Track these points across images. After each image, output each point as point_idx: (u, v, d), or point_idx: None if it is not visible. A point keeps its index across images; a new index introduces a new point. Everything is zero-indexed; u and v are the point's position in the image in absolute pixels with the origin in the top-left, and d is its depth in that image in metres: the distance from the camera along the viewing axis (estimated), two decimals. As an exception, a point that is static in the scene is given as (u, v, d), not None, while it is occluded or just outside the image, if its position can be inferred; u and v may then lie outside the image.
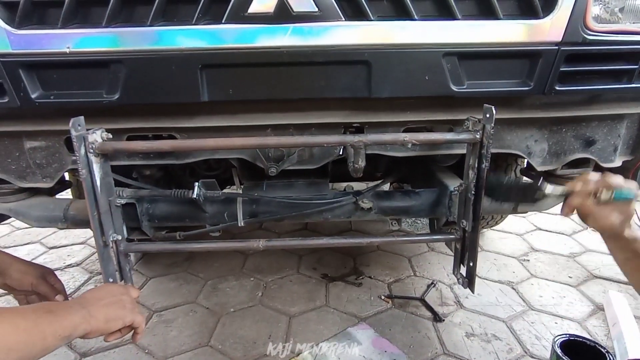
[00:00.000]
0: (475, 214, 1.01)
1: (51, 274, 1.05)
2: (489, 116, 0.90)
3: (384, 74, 0.91)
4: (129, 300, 0.86)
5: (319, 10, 0.86)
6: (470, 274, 1.09)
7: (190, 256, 2.19)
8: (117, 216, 1.00)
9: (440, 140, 0.97)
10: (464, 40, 0.91)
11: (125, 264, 1.04)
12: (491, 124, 0.90)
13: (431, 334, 1.54)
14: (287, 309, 1.71)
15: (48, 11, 0.88)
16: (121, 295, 0.86)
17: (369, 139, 0.91)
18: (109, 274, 0.99)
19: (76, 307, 0.74)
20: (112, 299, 0.82)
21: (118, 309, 0.82)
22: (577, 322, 1.61)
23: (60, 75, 0.92)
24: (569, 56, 0.92)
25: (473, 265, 1.07)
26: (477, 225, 1.02)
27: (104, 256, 0.98)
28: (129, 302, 0.86)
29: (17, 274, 0.99)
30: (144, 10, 0.87)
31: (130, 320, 0.83)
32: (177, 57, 0.89)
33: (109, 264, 0.99)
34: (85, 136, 0.87)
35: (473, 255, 1.06)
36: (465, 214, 1.03)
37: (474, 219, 1.02)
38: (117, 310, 0.81)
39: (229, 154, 1.04)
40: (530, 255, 2.17)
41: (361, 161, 0.96)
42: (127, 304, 0.85)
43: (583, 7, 0.91)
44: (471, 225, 1.02)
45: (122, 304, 0.83)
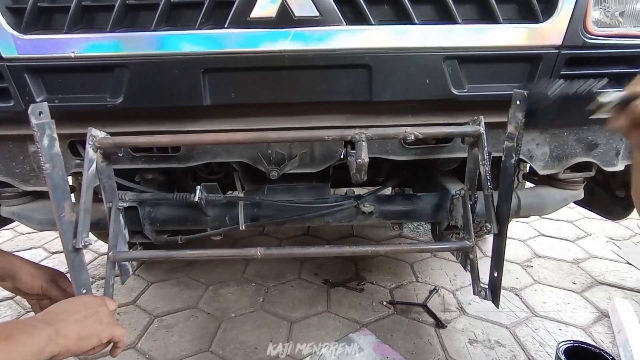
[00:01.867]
0: (502, 216, 0.90)
1: (62, 277, 1.01)
2: (519, 103, 0.84)
3: (384, 77, 0.92)
4: (106, 313, 0.77)
5: (320, 14, 0.87)
6: (494, 286, 0.98)
7: (192, 261, 2.19)
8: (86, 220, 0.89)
9: (442, 133, 0.94)
10: (465, 44, 0.92)
11: (111, 275, 0.96)
12: (522, 112, 0.83)
13: (433, 340, 1.52)
14: (289, 314, 1.70)
15: (54, 16, 0.90)
16: (97, 307, 0.77)
17: (371, 132, 0.88)
18: (80, 284, 0.90)
19: (41, 326, 0.65)
20: (86, 312, 0.73)
21: (93, 323, 0.73)
22: (582, 328, 1.59)
23: (65, 80, 0.93)
24: (569, 60, 0.93)
25: (498, 275, 0.96)
26: (504, 229, 0.92)
27: (75, 263, 0.88)
28: (106, 315, 0.77)
29: (27, 277, 0.95)
30: (147, 16, 0.88)
31: (108, 336, 0.75)
32: (180, 62, 0.90)
33: (81, 272, 0.90)
34: (50, 124, 0.82)
35: (499, 264, 0.95)
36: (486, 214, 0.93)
37: (500, 221, 0.92)
38: (92, 325, 0.72)
39: (231, 157, 1.05)
40: (533, 261, 2.15)
41: (364, 155, 0.87)
42: (104, 318, 0.76)
43: (583, 11, 0.91)
44: (497, 227, 0.93)
45: (98, 318, 0.74)
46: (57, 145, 0.83)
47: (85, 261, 0.92)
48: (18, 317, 1.72)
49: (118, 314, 1.73)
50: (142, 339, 1.56)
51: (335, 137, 0.90)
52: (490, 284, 1.01)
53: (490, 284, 1.01)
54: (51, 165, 0.82)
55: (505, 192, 0.91)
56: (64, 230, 0.86)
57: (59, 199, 0.84)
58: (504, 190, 0.91)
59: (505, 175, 0.90)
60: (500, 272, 0.96)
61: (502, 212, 0.92)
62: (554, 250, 2.26)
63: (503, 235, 0.94)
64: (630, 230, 2.48)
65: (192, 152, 1.04)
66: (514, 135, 0.87)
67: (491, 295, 0.99)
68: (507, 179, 0.89)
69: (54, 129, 0.83)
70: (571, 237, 2.43)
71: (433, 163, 1.29)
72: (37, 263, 1.01)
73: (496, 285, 0.98)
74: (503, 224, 0.92)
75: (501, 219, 0.92)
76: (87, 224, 0.89)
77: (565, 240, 2.40)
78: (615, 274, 1.96)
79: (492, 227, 0.93)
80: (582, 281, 1.94)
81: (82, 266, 0.90)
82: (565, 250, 2.26)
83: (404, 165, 1.37)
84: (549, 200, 1.22)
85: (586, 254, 2.21)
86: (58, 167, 0.83)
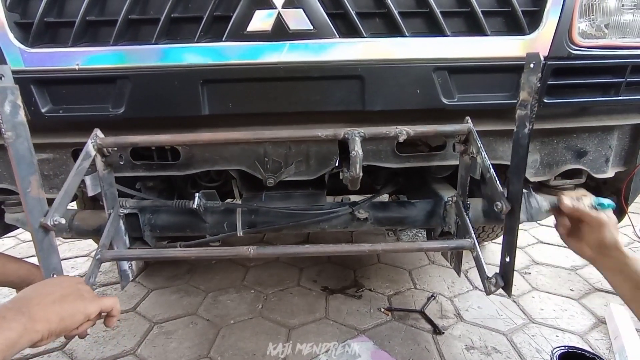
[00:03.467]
0: (515, 192, 0.82)
1: None
2: (533, 66, 0.79)
3: (377, 88, 0.95)
4: (86, 289, 0.72)
5: (314, 28, 0.91)
6: (506, 272, 0.89)
7: (192, 269, 2.21)
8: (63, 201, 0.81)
9: (432, 131, 0.94)
10: (454, 56, 0.95)
11: (93, 273, 0.88)
12: (536, 76, 0.77)
13: (431, 346, 1.53)
14: (287, 321, 1.71)
15: (59, 31, 0.94)
16: (75, 284, 0.71)
17: (364, 130, 0.89)
18: (50, 268, 0.82)
19: (11, 316, 0.59)
20: (63, 291, 0.67)
21: (74, 300, 0.67)
22: (579, 335, 1.59)
23: (69, 91, 0.97)
24: (555, 70, 0.96)
25: (510, 260, 0.86)
26: (517, 207, 0.82)
27: (44, 244, 0.79)
28: (87, 291, 0.72)
29: None
30: (149, 30, 0.92)
31: (95, 309, 0.70)
32: (179, 73, 0.94)
33: (50, 255, 0.82)
34: (13, 90, 0.76)
35: (511, 247, 0.86)
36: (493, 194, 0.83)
37: (512, 198, 0.82)
38: (73, 302, 0.67)
39: (229, 165, 1.08)
40: (531, 268, 2.16)
41: (358, 147, 0.85)
42: (85, 293, 0.71)
43: (568, 23, 0.95)
44: (507, 206, 0.82)
45: (79, 294, 0.69)
46: (22, 113, 0.76)
47: (55, 243, 0.83)
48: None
49: (118, 320, 1.75)
50: (142, 345, 1.57)
51: (330, 135, 0.90)
52: (502, 269, 0.92)
53: (502, 269, 0.92)
54: (14, 134, 0.75)
55: (517, 166, 0.82)
56: (30, 208, 0.78)
57: (24, 173, 0.76)
58: (516, 165, 0.83)
59: (518, 148, 0.82)
60: (513, 257, 0.87)
61: (515, 188, 0.83)
62: (552, 257, 2.27)
63: (516, 215, 0.84)
64: (628, 237, 2.49)
65: (191, 160, 1.07)
66: (527, 102, 0.79)
67: (502, 282, 0.89)
68: (521, 152, 0.81)
69: (17, 94, 0.77)
70: (569, 244, 2.44)
71: (426, 171, 1.32)
72: None
73: (508, 271, 0.89)
74: (516, 201, 0.83)
75: (514, 196, 0.83)
76: (63, 204, 0.83)
77: (564, 247, 2.38)
78: (613, 281, 1.97)
79: (501, 205, 0.83)
80: (580, 288, 1.94)
81: (51, 248, 0.82)
82: (563, 257, 2.27)
83: (398, 173, 1.39)
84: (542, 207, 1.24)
85: (584, 261, 2.18)
86: (23, 137, 0.76)
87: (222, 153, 1.06)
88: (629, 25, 0.99)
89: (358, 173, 0.86)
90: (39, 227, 0.78)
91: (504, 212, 0.83)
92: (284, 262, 2.27)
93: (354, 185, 0.93)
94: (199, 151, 1.06)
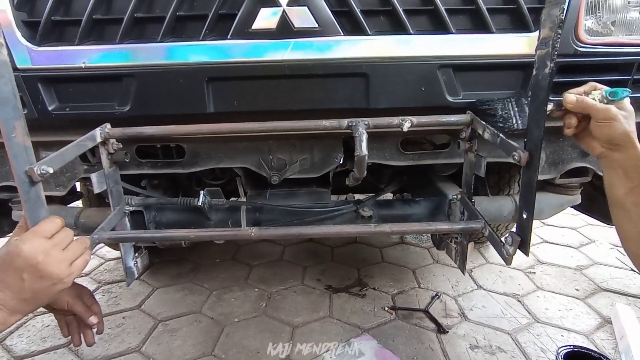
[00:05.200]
0: (534, 142, 0.75)
1: (88, 293, 1.00)
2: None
3: (381, 85, 0.95)
4: (48, 260, 0.66)
5: (318, 26, 0.91)
6: (523, 230, 0.82)
7: (196, 267, 2.22)
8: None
9: (434, 122, 0.93)
10: (459, 53, 0.95)
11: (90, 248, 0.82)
12: (560, 7, 0.69)
13: (435, 345, 1.53)
14: (291, 319, 1.71)
15: (66, 29, 0.95)
16: (35, 258, 0.65)
17: (366, 121, 0.88)
18: (37, 223, 0.76)
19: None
20: (11, 272, 0.64)
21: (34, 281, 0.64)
22: (584, 335, 1.58)
23: (76, 89, 0.97)
24: (561, 67, 0.95)
25: (528, 217, 0.80)
26: (536, 158, 0.75)
27: (30, 196, 0.74)
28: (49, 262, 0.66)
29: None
30: (154, 28, 0.93)
31: (66, 274, 0.68)
32: (185, 71, 0.94)
33: (38, 208, 0.75)
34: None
35: (528, 203, 0.79)
36: (508, 148, 0.77)
37: (531, 148, 0.76)
38: (32, 281, 0.64)
39: (233, 163, 1.08)
40: (536, 267, 2.14)
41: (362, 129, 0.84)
42: (47, 265, 0.66)
43: (574, 21, 0.94)
44: (526, 157, 0.75)
45: (37, 273, 0.65)
46: (5, 52, 0.69)
47: (43, 196, 0.77)
48: (26, 320, 1.75)
49: (123, 317, 1.76)
50: (147, 343, 1.58)
51: (334, 124, 0.89)
52: (518, 228, 0.86)
53: (518, 228, 0.86)
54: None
55: (537, 111, 0.75)
56: (15, 154, 0.71)
57: (8, 116, 0.70)
58: (536, 110, 0.76)
59: (538, 91, 0.74)
60: (531, 213, 0.80)
61: (534, 136, 0.75)
62: (557, 257, 2.26)
63: (534, 167, 0.76)
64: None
65: (196, 158, 1.07)
66: (548, 39, 0.71)
67: (519, 242, 0.83)
68: (541, 95, 0.74)
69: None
70: (575, 244, 2.42)
71: (431, 169, 1.31)
72: None
73: (525, 229, 0.82)
74: (535, 151, 0.75)
75: (532, 145, 0.76)
76: (55, 162, 0.78)
77: (569, 247, 2.39)
78: (619, 281, 1.95)
79: (519, 156, 0.76)
80: (585, 288, 1.93)
81: (39, 201, 0.76)
82: (569, 257, 2.26)
83: (402, 172, 1.39)
84: (546, 205, 1.24)
85: (590, 261, 2.20)
86: (6, 78, 0.70)
87: (227, 151, 1.07)
88: (636, 22, 0.98)
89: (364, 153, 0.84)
90: (24, 174, 0.72)
91: (523, 161, 0.76)
92: (287, 261, 2.27)
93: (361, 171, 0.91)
94: (204, 149, 1.07)
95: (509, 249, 0.84)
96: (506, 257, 0.87)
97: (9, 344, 1.59)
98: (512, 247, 0.83)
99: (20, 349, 1.56)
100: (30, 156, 0.74)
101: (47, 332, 1.66)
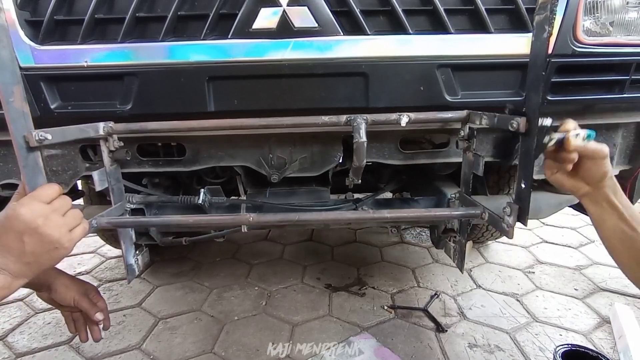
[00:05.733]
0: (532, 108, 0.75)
1: (93, 290, 1.03)
2: None
3: (380, 85, 0.96)
4: (35, 214, 0.65)
5: (318, 25, 0.92)
6: (522, 200, 0.81)
7: (197, 265, 2.23)
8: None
9: (431, 118, 0.94)
10: (458, 53, 0.96)
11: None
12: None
13: (433, 344, 1.54)
14: (291, 317, 1.72)
15: (69, 28, 0.95)
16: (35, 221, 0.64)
17: (364, 117, 0.90)
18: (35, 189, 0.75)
19: None
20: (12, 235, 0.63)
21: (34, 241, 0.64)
22: (583, 334, 1.59)
23: (78, 87, 0.98)
24: (559, 67, 0.96)
25: (526, 186, 0.79)
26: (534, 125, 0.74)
27: (29, 161, 0.73)
28: (39, 216, 0.65)
29: (61, 288, 0.97)
30: (156, 27, 0.94)
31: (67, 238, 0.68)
32: (186, 70, 0.95)
33: (36, 175, 0.75)
34: None
35: (527, 172, 0.78)
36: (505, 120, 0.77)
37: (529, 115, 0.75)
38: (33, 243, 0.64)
39: (234, 161, 1.09)
40: (535, 267, 2.15)
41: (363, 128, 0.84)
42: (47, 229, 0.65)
43: (572, 21, 0.95)
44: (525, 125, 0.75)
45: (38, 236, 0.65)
46: (3, 17, 0.69)
47: (41, 164, 0.76)
48: (27, 317, 1.76)
49: (124, 315, 1.77)
50: (147, 340, 1.59)
51: (333, 120, 0.91)
52: (517, 197, 0.84)
53: (517, 197, 0.84)
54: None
55: (535, 78, 0.74)
56: (13, 119, 0.70)
57: (7, 81, 0.70)
58: (534, 77, 0.75)
59: (537, 57, 0.73)
60: (529, 183, 0.79)
61: (532, 103, 0.75)
62: (557, 256, 2.26)
63: (532, 134, 0.75)
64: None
65: (196, 157, 1.08)
66: (547, 3, 0.69)
67: (518, 211, 0.82)
68: (540, 61, 0.73)
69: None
70: (574, 244, 2.43)
71: (430, 168, 1.32)
72: (71, 275, 1.02)
73: (524, 198, 0.81)
74: (533, 118, 0.74)
75: (530, 112, 0.75)
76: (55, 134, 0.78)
77: (568, 247, 2.39)
78: (618, 281, 1.96)
79: (517, 123, 0.76)
80: (584, 287, 1.93)
81: (37, 168, 0.76)
82: (568, 257, 2.26)
83: (402, 171, 1.40)
84: (544, 204, 1.24)
85: (589, 261, 2.21)
86: (4, 43, 0.69)
87: (228, 149, 1.08)
88: (634, 23, 0.99)
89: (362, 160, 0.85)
90: (22, 139, 0.72)
91: (522, 127, 0.75)
92: (287, 260, 2.28)
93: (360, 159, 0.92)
94: (205, 147, 1.07)
95: (508, 220, 0.83)
96: (507, 230, 0.85)
97: (11, 341, 1.60)
98: (511, 217, 0.83)
99: (22, 346, 1.57)
100: (28, 122, 0.74)
101: (48, 330, 1.67)
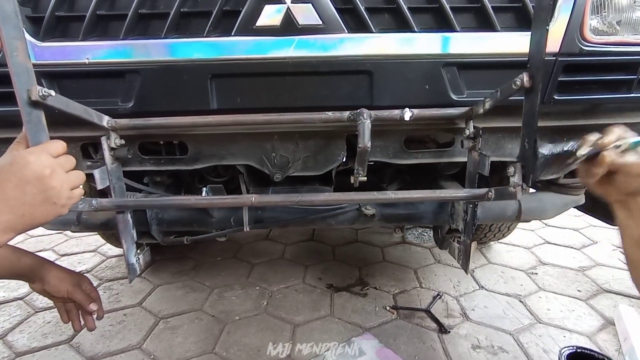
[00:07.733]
0: (536, 64, 0.73)
1: (86, 281, 1.04)
2: None
3: (385, 83, 0.95)
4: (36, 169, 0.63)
5: (323, 23, 0.90)
6: (526, 160, 0.79)
7: (197, 265, 2.23)
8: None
9: (435, 115, 0.94)
10: (463, 52, 0.94)
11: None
12: None
13: (436, 345, 1.53)
14: (292, 318, 1.71)
15: (70, 25, 0.94)
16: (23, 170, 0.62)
17: (367, 113, 0.89)
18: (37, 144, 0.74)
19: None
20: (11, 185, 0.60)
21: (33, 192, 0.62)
22: (587, 336, 1.58)
23: (79, 85, 0.97)
24: (566, 66, 0.94)
25: (530, 147, 0.76)
26: (537, 82, 0.73)
27: (32, 117, 0.73)
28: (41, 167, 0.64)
29: (54, 280, 0.99)
30: (158, 24, 0.92)
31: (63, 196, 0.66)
32: (188, 68, 0.94)
33: (39, 131, 0.75)
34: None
35: (530, 131, 0.76)
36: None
37: (533, 70, 0.74)
38: (32, 195, 0.62)
39: (236, 160, 1.08)
40: (538, 268, 2.14)
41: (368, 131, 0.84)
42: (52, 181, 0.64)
43: (580, 19, 0.93)
44: (528, 81, 0.74)
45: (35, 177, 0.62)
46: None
47: (44, 122, 0.76)
48: (27, 317, 1.75)
49: (124, 315, 1.76)
50: (148, 340, 1.58)
51: (337, 115, 0.91)
52: (521, 157, 0.81)
53: (521, 157, 0.81)
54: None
55: (538, 35, 0.74)
56: (17, 73, 0.70)
57: (11, 36, 0.68)
58: (537, 34, 0.74)
59: (541, 13, 0.73)
60: (532, 144, 0.76)
61: (536, 61, 0.74)
62: (560, 258, 2.25)
63: (536, 91, 0.74)
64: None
65: (198, 155, 1.07)
66: None
67: (522, 173, 0.79)
68: (543, 15, 0.73)
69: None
70: (577, 245, 2.42)
71: (434, 168, 1.31)
72: (64, 267, 1.04)
73: (528, 159, 0.78)
74: (536, 75, 0.74)
75: (534, 69, 0.74)
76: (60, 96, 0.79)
77: (571, 248, 2.38)
78: (621, 282, 1.95)
79: (521, 81, 0.75)
80: (588, 289, 1.92)
81: (40, 124, 0.75)
82: (571, 258, 2.25)
83: (406, 171, 1.39)
84: (550, 205, 1.23)
85: (592, 262, 2.19)
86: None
87: (230, 148, 1.06)
88: (642, 21, 0.98)
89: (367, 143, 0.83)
90: (25, 93, 0.71)
91: (526, 83, 0.74)
92: (289, 260, 2.27)
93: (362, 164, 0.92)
94: (207, 146, 1.06)
95: (512, 180, 0.80)
96: (513, 192, 0.82)
97: (11, 340, 1.60)
98: (514, 177, 0.80)
99: (22, 345, 1.57)
100: (32, 77, 0.73)
101: (48, 329, 1.66)
